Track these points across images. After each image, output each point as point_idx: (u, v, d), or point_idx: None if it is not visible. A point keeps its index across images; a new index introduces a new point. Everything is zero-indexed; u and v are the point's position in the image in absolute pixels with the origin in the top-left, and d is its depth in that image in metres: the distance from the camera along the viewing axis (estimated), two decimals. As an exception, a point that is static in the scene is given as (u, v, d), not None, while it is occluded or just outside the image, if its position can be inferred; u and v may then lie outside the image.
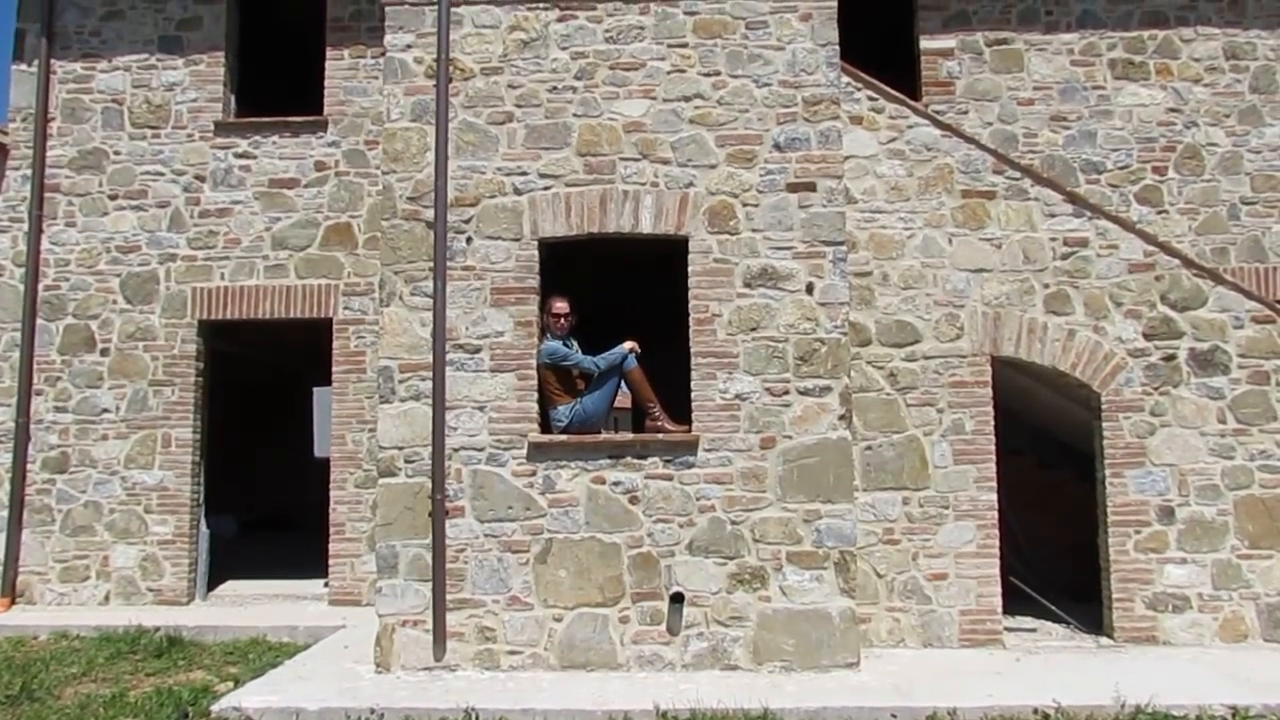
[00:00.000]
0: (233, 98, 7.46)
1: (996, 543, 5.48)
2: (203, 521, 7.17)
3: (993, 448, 5.54)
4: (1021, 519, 6.31)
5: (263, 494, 11.18)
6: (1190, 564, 5.49)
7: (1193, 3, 7.11)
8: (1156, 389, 5.59)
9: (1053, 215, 5.71)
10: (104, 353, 7.14)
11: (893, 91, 5.80)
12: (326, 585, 6.99)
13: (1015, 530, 6.22)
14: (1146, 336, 5.62)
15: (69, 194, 7.30)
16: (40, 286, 7.21)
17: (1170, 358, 5.61)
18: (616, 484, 5.05)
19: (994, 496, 5.51)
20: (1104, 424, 5.58)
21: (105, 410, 7.10)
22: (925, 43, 7.12)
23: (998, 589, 5.45)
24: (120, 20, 7.41)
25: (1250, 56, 7.06)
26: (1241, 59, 7.06)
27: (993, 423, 5.56)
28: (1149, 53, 7.09)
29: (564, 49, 5.33)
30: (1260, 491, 5.53)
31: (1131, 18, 7.12)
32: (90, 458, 7.07)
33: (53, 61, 7.38)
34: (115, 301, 7.19)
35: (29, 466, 7.07)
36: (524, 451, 5.09)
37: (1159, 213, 6.96)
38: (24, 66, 7.41)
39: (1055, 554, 6.36)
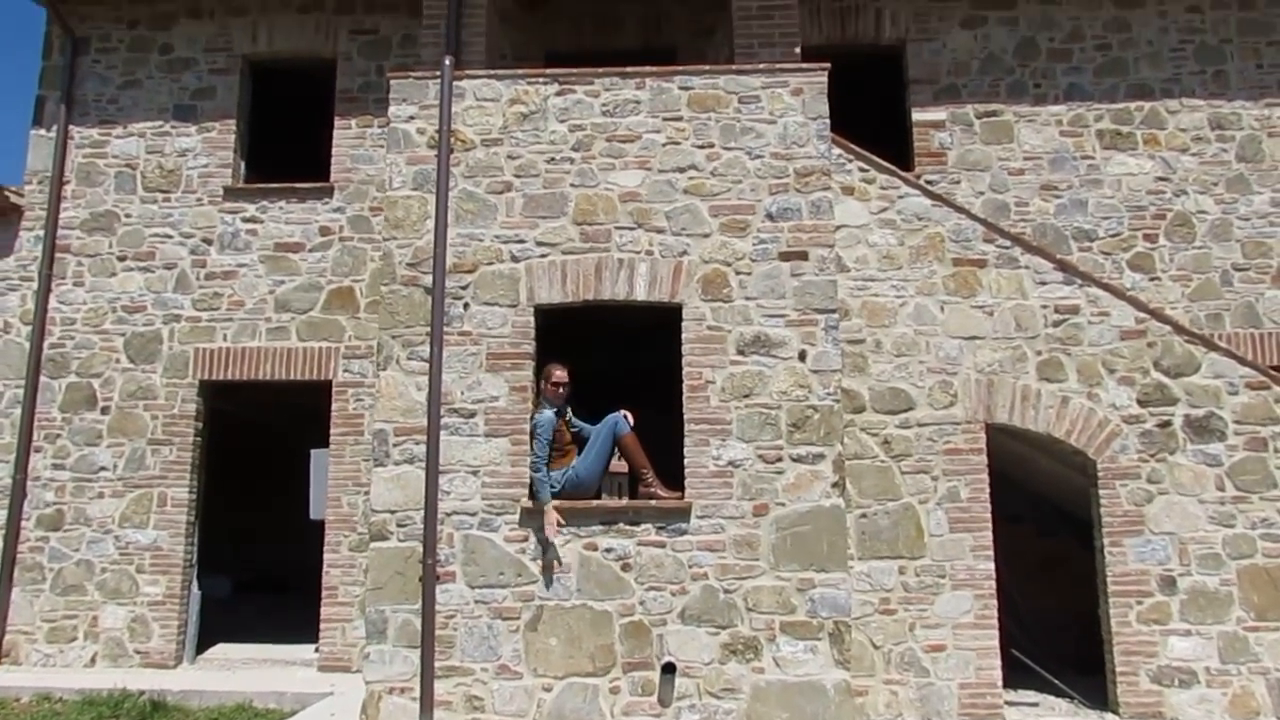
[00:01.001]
0: (242, 164, 7.66)
1: (995, 613, 5.39)
2: (194, 583, 7.11)
3: (989, 515, 5.50)
4: (1022, 588, 6.20)
5: (260, 555, 11.07)
6: (1195, 636, 5.37)
7: (1177, 75, 7.31)
8: (1153, 455, 5.56)
9: (1043, 283, 5.77)
10: (104, 411, 7.19)
11: (883, 162, 5.94)
12: (317, 650, 6.88)
13: (1016, 600, 6.11)
14: (1141, 403, 5.62)
15: (79, 254, 7.46)
16: (45, 344, 7.30)
17: (1166, 424, 5.59)
18: (609, 550, 5.01)
19: (991, 565, 5.44)
20: (1101, 491, 5.54)
21: (103, 468, 7.11)
22: (917, 115, 7.31)
23: (997, 661, 5.34)
24: (137, 89, 7.68)
25: (1235, 126, 7.22)
26: (1227, 129, 7.22)
27: (988, 490, 5.52)
28: (1136, 123, 7.26)
29: (562, 121, 5.50)
30: (1264, 561, 5.44)
31: (1118, 90, 7.32)
32: (85, 516, 7.05)
33: (71, 127, 7.62)
34: (118, 360, 7.26)
35: (24, 523, 7.05)
36: (516, 517, 5.07)
37: (1152, 279, 7.03)
38: (43, 131, 7.65)
39: (1058, 624, 6.24)
